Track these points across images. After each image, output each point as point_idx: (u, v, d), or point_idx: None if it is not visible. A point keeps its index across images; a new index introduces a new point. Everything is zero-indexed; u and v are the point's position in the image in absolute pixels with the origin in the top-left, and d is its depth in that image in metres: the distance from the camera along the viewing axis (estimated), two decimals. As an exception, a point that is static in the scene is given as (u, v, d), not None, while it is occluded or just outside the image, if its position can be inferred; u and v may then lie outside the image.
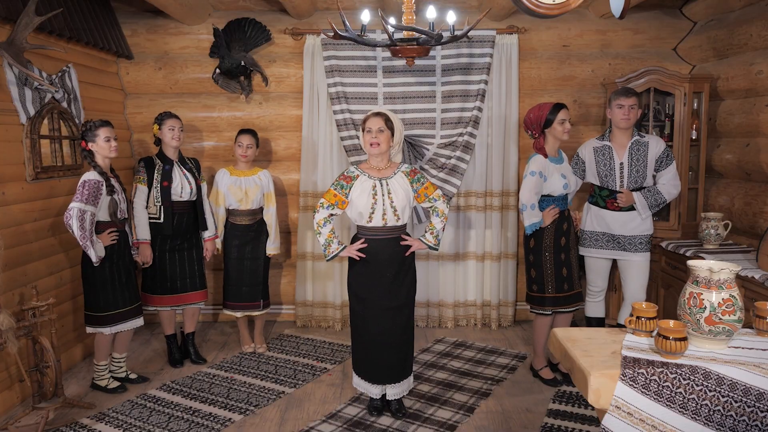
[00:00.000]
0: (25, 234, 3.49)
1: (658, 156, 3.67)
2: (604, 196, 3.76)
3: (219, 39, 4.58)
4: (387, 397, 3.34)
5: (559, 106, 3.57)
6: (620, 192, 3.70)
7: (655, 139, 3.73)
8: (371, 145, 3.10)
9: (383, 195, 3.12)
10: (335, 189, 3.19)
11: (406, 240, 3.21)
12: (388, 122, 3.14)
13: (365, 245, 3.18)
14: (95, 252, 3.30)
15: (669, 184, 3.68)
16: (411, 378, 3.38)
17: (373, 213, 3.12)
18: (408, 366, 3.31)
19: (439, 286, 4.87)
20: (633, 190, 3.71)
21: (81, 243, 3.26)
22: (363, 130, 3.15)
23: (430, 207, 3.26)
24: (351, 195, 3.15)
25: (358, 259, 3.19)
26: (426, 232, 3.27)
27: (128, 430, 3.20)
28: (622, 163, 3.69)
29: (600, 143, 3.78)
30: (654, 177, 3.73)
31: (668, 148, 3.72)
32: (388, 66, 4.61)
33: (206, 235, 4.11)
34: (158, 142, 3.97)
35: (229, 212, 4.18)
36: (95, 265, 3.37)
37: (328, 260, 3.27)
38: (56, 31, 3.70)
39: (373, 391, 3.33)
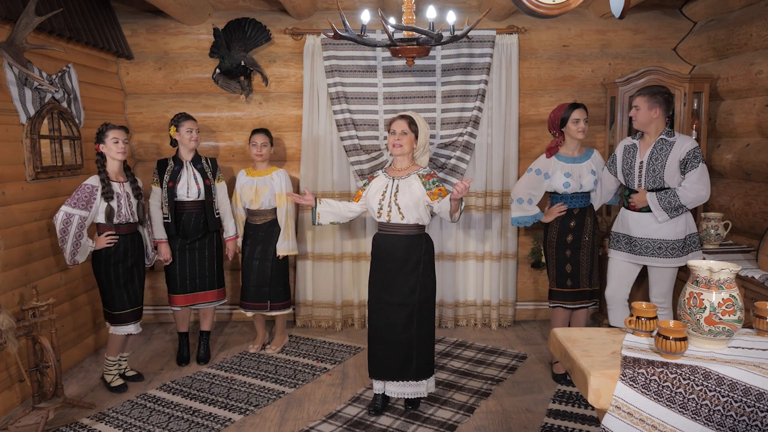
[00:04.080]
0: (25, 234, 3.50)
1: (682, 157, 3.38)
2: (626, 196, 3.64)
3: (219, 39, 4.58)
4: (386, 394, 3.35)
5: (575, 106, 3.64)
6: (636, 191, 3.55)
7: (683, 140, 3.44)
8: (393, 146, 3.24)
9: (390, 193, 3.25)
10: (360, 188, 3.47)
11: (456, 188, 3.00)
12: (412, 125, 3.26)
13: (311, 201, 3.43)
14: (70, 256, 3.43)
15: (689, 187, 3.36)
16: (421, 385, 3.30)
17: (381, 209, 3.26)
18: (412, 368, 3.25)
19: (439, 286, 4.84)
20: (652, 191, 3.50)
21: (59, 245, 3.41)
22: (388, 132, 3.31)
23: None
24: (367, 192, 3.37)
25: (307, 203, 3.43)
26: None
27: (128, 430, 3.20)
28: (641, 162, 3.51)
29: (631, 141, 3.63)
30: (683, 179, 3.45)
31: (697, 150, 3.38)
32: (388, 66, 4.61)
33: (226, 235, 4.18)
34: (174, 143, 4.00)
35: (246, 212, 4.23)
36: (69, 266, 3.51)
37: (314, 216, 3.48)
38: (56, 31, 3.70)
39: (376, 385, 3.37)
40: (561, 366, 3.80)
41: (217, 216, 4.08)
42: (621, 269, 3.67)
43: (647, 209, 3.50)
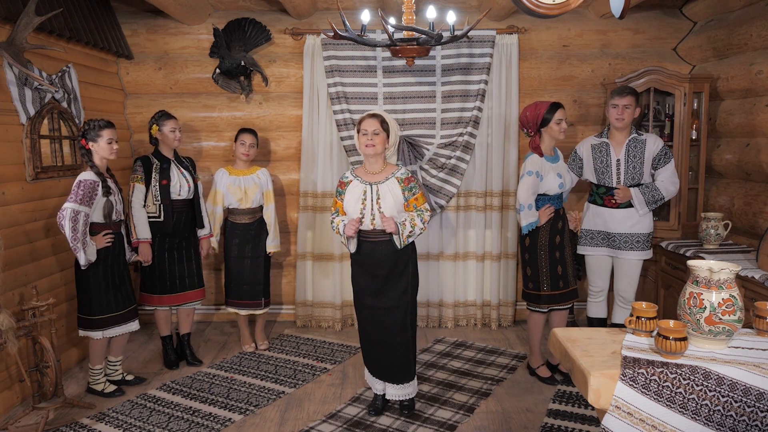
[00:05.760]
0: (25, 234, 3.50)
1: (655, 154, 3.68)
2: (601, 194, 3.76)
3: (219, 39, 4.58)
4: (386, 396, 3.34)
5: (556, 106, 3.58)
6: (617, 188, 3.69)
7: (653, 138, 3.74)
8: (366, 146, 3.11)
9: (372, 200, 3.13)
10: (336, 196, 3.29)
11: (385, 220, 3.06)
12: (384, 124, 3.14)
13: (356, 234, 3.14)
14: (85, 255, 3.26)
15: (667, 181, 3.68)
16: (414, 384, 3.32)
17: (363, 218, 3.13)
18: (409, 371, 3.26)
19: (439, 286, 4.87)
20: (632, 186, 3.71)
21: (71, 245, 3.23)
22: (358, 132, 3.16)
23: (417, 214, 3.18)
24: (344, 201, 3.20)
25: (358, 224, 3.11)
26: (406, 222, 3.12)
27: (128, 430, 3.20)
28: (618, 160, 3.69)
29: (598, 140, 3.80)
30: (653, 175, 3.74)
31: (666, 147, 3.72)
32: (388, 66, 4.61)
33: (201, 233, 4.12)
34: (154, 141, 3.95)
35: (229, 211, 4.19)
36: (83, 268, 3.33)
37: (350, 251, 3.22)
38: (56, 31, 3.70)
39: (377, 386, 3.35)
40: (545, 369, 3.83)
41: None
42: (602, 265, 3.84)
43: (625, 205, 3.70)
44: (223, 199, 4.16)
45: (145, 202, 3.82)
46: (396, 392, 3.28)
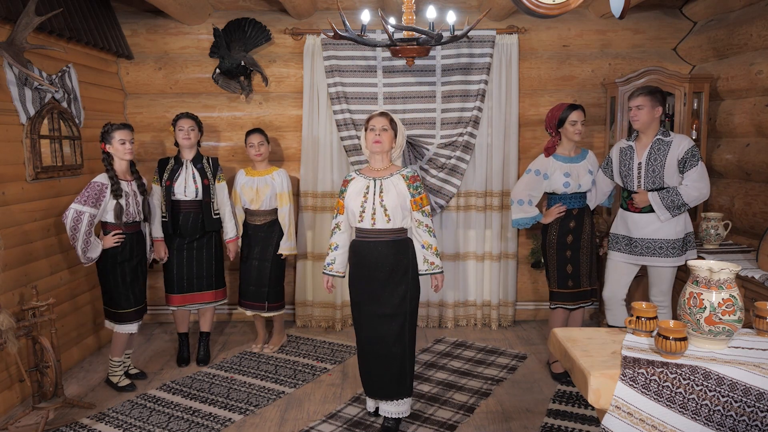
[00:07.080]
0: (25, 234, 3.50)
1: (681, 156, 3.42)
2: (625, 197, 3.64)
3: (219, 39, 4.58)
4: (379, 412, 3.20)
5: (573, 107, 3.62)
6: (636, 192, 3.55)
7: (680, 139, 3.46)
8: (374, 142, 3.01)
9: (374, 194, 3.02)
10: (339, 195, 3.18)
11: (436, 283, 3.18)
12: (392, 123, 3.08)
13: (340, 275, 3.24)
14: (84, 254, 3.40)
15: (691, 186, 3.39)
16: (408, 402, 3.14)
17: (363, 212, 3.02)
18: (404, 386, 3.09)
19: (439, 286, 4.87)
20: (652, 191, 3.51)
21: (71, 242, 3.39)
22: (366, 130, 3.08)
23: (417, 224, 3.09)
24: (346, 197, 3.11)
25: (329, 283, 3.25)
26: (427, 256, 3.09)
27: (128, 430, 3.20)
28: (640, 163, 3.52)
29: (626, 143, 3.64)
30: (682, 178, 3.48)
31: (694, 148, 3.41)
32: (388, 66, 4.61)
33: (226, 237, 4.16)
34: (176, 143, 4.03)
35: (245, 211, 4.23)
36: (84, 264, 3.48)
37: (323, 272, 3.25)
38: (56, 31, 3.70)
39: (369, 404, 3.31)
40: (559, 365, 3.82)
41: (216, 216, 4.06)
42: (619, 270, 3.68)
43: (648, 209, 3.50)
44: (239, 199, 4.21)
45: (160, 202, 3.96)
46: (389, 408, 3.13)
